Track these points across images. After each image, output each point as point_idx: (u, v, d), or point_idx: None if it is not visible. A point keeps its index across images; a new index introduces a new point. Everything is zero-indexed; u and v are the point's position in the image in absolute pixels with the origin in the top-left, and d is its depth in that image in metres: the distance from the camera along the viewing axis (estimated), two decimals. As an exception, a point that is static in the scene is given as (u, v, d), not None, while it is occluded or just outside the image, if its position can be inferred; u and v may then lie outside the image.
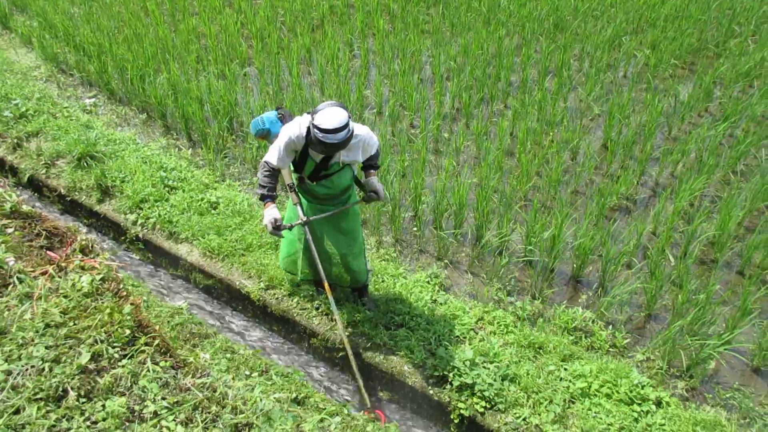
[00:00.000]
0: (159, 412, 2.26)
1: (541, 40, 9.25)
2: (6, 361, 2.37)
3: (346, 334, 4.26)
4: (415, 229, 5.90)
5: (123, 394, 2.33)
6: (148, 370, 2.41)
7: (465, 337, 4.55)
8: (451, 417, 4.08)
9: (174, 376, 2.47)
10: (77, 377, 2.36)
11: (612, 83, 8.29)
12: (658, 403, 4.11)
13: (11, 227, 3.22)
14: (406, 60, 8.43)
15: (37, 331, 2.50)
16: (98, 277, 2.82)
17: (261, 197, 3.94)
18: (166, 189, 6.07)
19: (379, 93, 7.76)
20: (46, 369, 2.36)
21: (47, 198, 6.52)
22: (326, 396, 4.29)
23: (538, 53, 8.89)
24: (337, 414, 3.78)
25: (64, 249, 3.06)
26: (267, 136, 4.30)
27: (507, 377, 4.17)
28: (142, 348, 2.52)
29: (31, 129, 6.99)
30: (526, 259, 5.42)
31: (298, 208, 4.07)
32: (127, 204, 5.93)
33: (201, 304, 5.31)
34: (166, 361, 2.51)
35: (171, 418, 2.26)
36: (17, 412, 2.21)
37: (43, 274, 2.84)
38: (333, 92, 7.78)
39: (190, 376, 2.51)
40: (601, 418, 3.95)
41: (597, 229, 5.52)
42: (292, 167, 4.09)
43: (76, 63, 8.86)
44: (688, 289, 4.77)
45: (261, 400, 2.43)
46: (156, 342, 2.56)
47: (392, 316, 4.70)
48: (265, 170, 3.92)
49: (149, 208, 5.83)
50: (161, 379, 2.41)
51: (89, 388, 2.34)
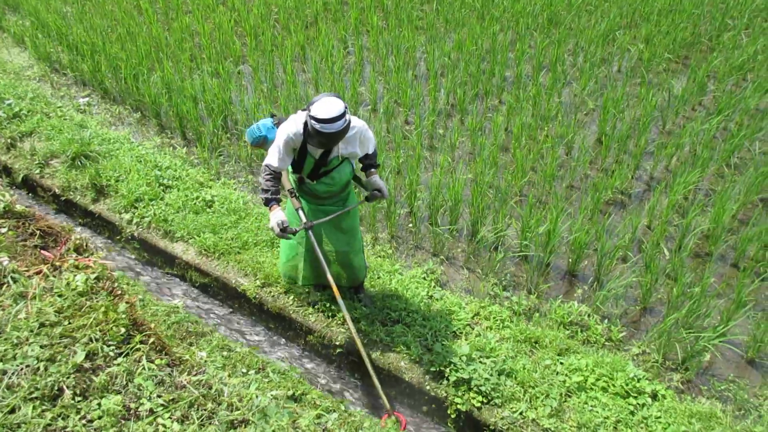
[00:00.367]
0: (155, 410, 2.26)
1: (535, 35, 9.26)
2: (1, 360, 2.37)
3: (361, 339, 4.14)
4: (410, 225, 5.90)
5: (118, 392, 2.33)
6: (144, 368, 2.41)
7: (461, 333, 4.56)
8: (448, 412, 4.10)
9: (169, 374, 2.47)
10: (72, 376, 2.35)
11: (606, 78, 8.30)
12: (654, 396, 4.13)
13: (5, 227, 3.22)
14: (401, 56, 8.42)
15: (31, 331, 2.50)
16: (93, 276, 2.81)
17: (265, 201, 3.91)
18: (161, 188, 6.06)
19: (373, 90, 7.76)
20: (41, 368, 2.36)
21: (42, 198, 6.50)
22: (323, 393, 4.29)
23: (533, 48, 8.89)
24: (335, 410, 3.79)
25: (59, 248, 3.06)
26: (264, 143, 4.26)
27: (503, 372, 4.18)
28: (138, 346, 2.52)
29: (24, 129, 6.96)
30: (521, 254, 5.43)
31: (300, 213, 4.04)
32: (122, 203, 5.92)
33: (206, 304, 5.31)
34: (161, 359, 2.51)
35: (167, 415, 2.26)
36: (13, 411, 2.21)
37: (38, 273, 2.84)
38: (327, 89, 7.77)
39: (186, 373, 2.51)
40: (598, 412, 3.96)
41: (592, 223, 5.54)
42: (290, 170, 4.08)
43: (70, 62, 8.82)
44: (683, 282, 4.79)
45: (257, 396, 2.43)
46: (151, 340, 2.56)
47: (389, 313, 4.70)
48: (267, 174, 3.89)
49: (144, 207, 5.82)
50: (157, 377, 2.41)
51: (85, 386, 2.34)
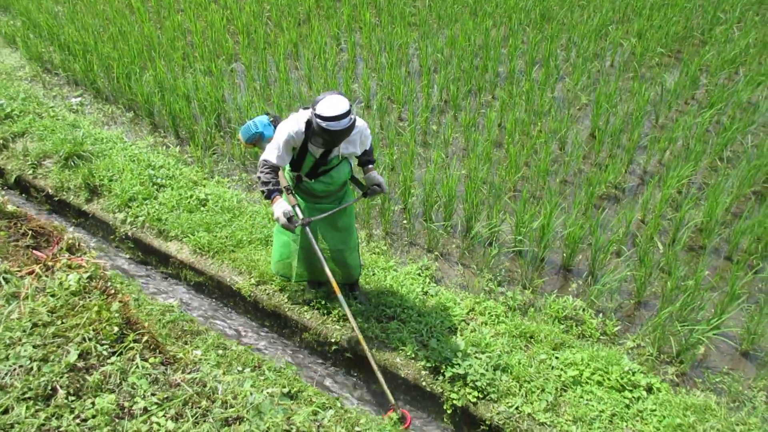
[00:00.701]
0: (149, 408, 2.26)
1: (527, 31, 9.26)
2: (-7, 361, 2.36)
3: (363, 338, 4.03)
4: (405, 221, 5.90)
5: (112, 391, 2.32)
6: (138, 367, 2.40)
7: (456, 328, 4.56)
8: (444, 407, 4.10)
9: (163, 372, 2.46)
10: (66, 375, 2.35)
11: (599, 72, 8.31)
12: (649, 389, 4.14)
13: (-3, 227, 3.20)
14: (393, 53, 8.42)
15: (24, 331, 2.49)
16: (85, 276, 2.80)
17: (267, 194, 3.81)
18: (155, 187, 6.05)
19: (366, 86, 7.74)
20: (35, 368, 2.35)
21: (35, 198, 6.48)
22: (320, 390, 4.29)
23: (525, 44, 8.90)
24: (331, 407, 3.79)
25: (51, 248, 3.05)
26: (259, 141, 4.22)
27: (499, 367, 4.19)
28: (131, 345, 2.51)
29: (16, 129, 6.94)
30: (516, 249, 5.44)
31: (297, 209, 4.00)
32: (115, 203, 5.90)
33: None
34: (155, 358, 2.51)
35: (161, 413, 2.26)
36: (6, 411, 2.20)
37: (30, 273, 2.83)
38: (320, 87, 7.76)
39: (180, 371, 2.51)
40: (593, 406, 3.97)
41: (586, 218, 5.55)
42: (288, 168, 4.05)
43: (61, 62, 8.78)
44: (676, 276, 4.80)
45: (251, 394, 2.43)
46: (145, 338, 2.55)
47: (384, 309, 4.70)
48: (265, 168, 3.81)
49: (138, 207, 5.80)
50: (150, 376, 2.40)
51: (78, 386, 2.34)
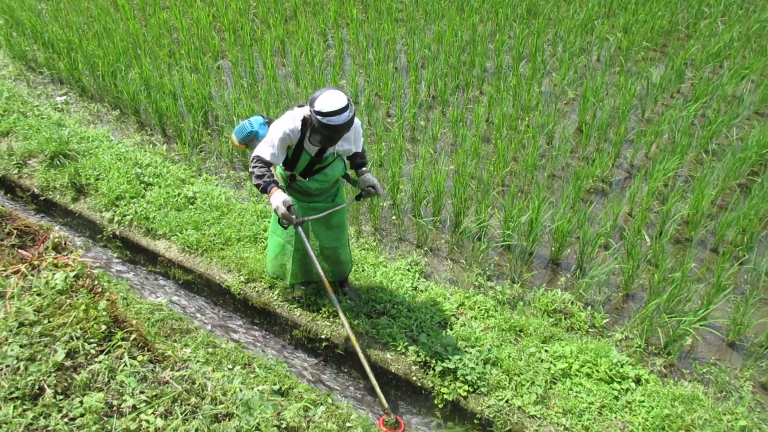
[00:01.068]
0: (138, 406, 2.25)
1: (514, 26, 9.28)
2: (-21, 361, 2.34)
3: (356, 340, 4.00)
4: (394, 217, 5.91)
5: (101, 390, 2.31)
6: (126, 365, 2.39)
7: (446, 323, 4.57)
8: (435, 402, 4.11)
9: (152, 370, 2.45)
10: (53, 375, 2.33)
11: (585, 67, 8.35)
12: (638, 381, 4.18)
13: (-19, 227, 3.17)
14: (381, 49, 8.41)
15: (10, 330, 2.47)
16: (72, 274, 2.78)
17: (264, 187, 3.72)
18: (142, 185, 6.01)
19: (354, 83, 7.73)
20: (21, 368, 2.34)
21: (21, 198, 6.41)
22: (311, 387, 4.29)
23: (512, 39, 8.92)
24: (322, 403, 3.79)
25: (37, 247, 3.02)
26: (253, 141, 4.16)
27: (489, 361, 4.21)
28: (119, 343, 2.50)
29: (1, 129, 6.86)
30: (504, 243, 5.46)
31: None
32: (102, 202, 5.86)
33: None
34: (143, 356, 2.49)
35: (150, 411, 2.25)
36: (-7, 411, 2.18)
37: (16, 272, 2.80)
38: (308, 83, 7.74)
39: (169, 369, 2.50)
40: (582, 398, 4.00)
41: (574, 211, 5.58)
42: (281, 167, 4.02)
43: (46, 60, 8.70)
44: (664, 268, 4.84)
45: (241, 390, 2.42)
46: (133, 336, 2.54)
47: (373, 305, 4.70)
48: (258, 163, 3.73)
49: (125, 205, 5.76)
50: (139, 373, 2.39)
51: (66, 385, 2.32)
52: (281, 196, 3.71)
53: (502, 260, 5.43)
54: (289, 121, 3.70)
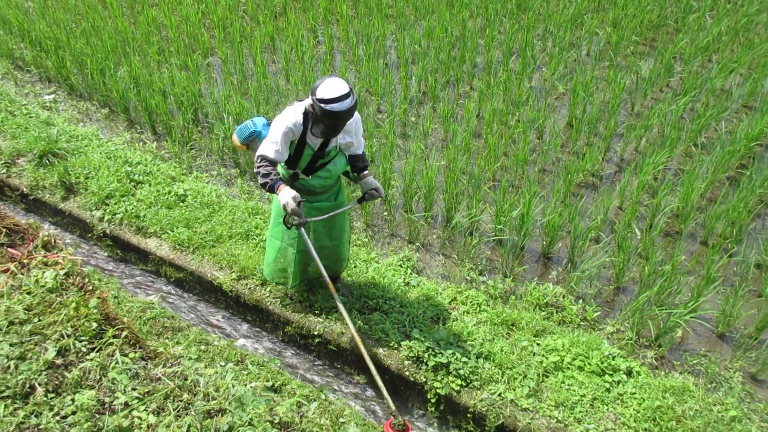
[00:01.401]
0: (130, 403, 2.25)
1: (504, 21, 9.29)
2: (-31, 360, 2.33)
3: (361, 341, 3.88)
4: (385, 213, 5.91)
5: (92, 387, 2.30)
6: (117, 362, 2.38)
7: (439, 318, 4.58)
8: (428, 396, 4.12)
9: (144, 367, 2.44)
10: (44, 373, 2.32)
11: (575, 62, 8.37)
12: (629, 373, 4.20)
13: (-31, 226, 3.15)
14: (371, 45, 8.40)
15: (0, 329, 2.45)
16: (62, 273, 2.77)
17: (271, 185, 3.65)
18: (132, 183, 5.98)
19: (344, 79, 7.68)
20: (12, 366, 2.32)
21: (9, 198, 6.37)
22: (303, 383, 4.29)
23: (502, 34, 8.93)
24: (315, 399, 3.79)
25: (26, 246, 3.00)
26: (256, 141, 4.11)
27: (481, 355, 4.22)
28: (110, 341, 2.49)
29: (-12, 128, 6.81)
30: (496, 238, 5.47)
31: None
32: (92, 200, 5.82)
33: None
34: (135, 353, 2.49)
35: (142, 407, 2.24)
36: (-17, 410, 2.17)
37: (5, 271, 2.78)
38: (298, 80, 7.72)
39: (161, 366, 2.49)
40: (575, 390, 4.03)
41: (565, 205, 5.61)
42: (283, 166, 3.96)
43: (33, 59, 8.63)
44: (654, 261, 4.87)
45: (233, 386, 2.42)
46: (124, 334, 2.53)
47: (366, 301, 4.71)
48: (263, 162, 3.67)
49: (115, 204, 5.73)
50: (131, 370, 2.39)
51: (57, 383, 2.31)
52: (290, 192, 3.65)
53: (494, 255, 5.44)
54: (291, 115, 3.67)
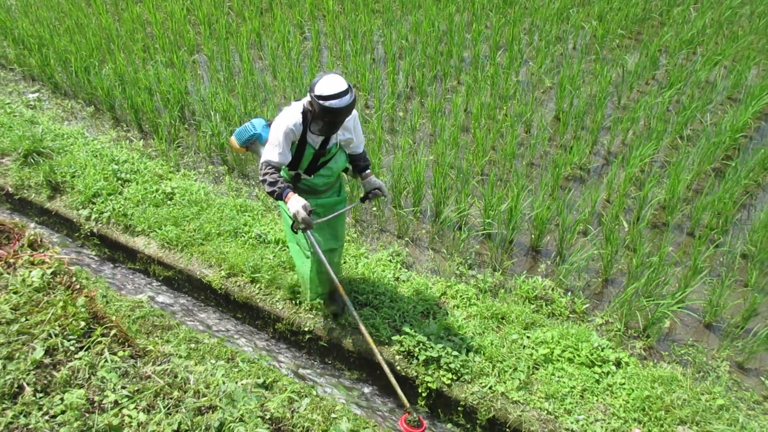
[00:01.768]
0: (119, 401, 2.23)
1: (491, 16, 9.31)
2: (-44, 361, 2.30)
3: (374, 344, 3.80)
4: (374, 208, 5.91)
5: (81, 386, 2.29)
6: (106, 361, 2.37)
7: (429, 312, 4.59)
8: (419, 390, 4.13)
9: (133, 365, 2.43)
10: (32, 373, 2.31)
11: (562, 55, 8.40)
12: (618, 364, 4.24)
13: (-47, 226, 3.11)
14: (358, 40, 8.38)
15: (-13, 329, 2.43)
16: (49, 272, 2.75)
17: (279, 193, 3.61)
18: (119, 182, 5.93)
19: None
20: (0, 366, 2.30)
21: (-6, 198, 6.31)
22: (295, 380, 4.28)
23: (489, 28, 8.94)
24: (306, 395, 3.79)
25: (12, 245, 2.97)
26: (255, 143, 4.08)
27: (472, 348, 4.24)
28: (99, 339, 2.47)
29: (-29, 127, 6.73)
30: (485, 232, 5.49)
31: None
32: (79, 199, 5.77)
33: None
34: (124, 351, 2.47)
35: (132, 406, 2.23)
36: (-29, 411, 2.15)
37: (-9, 271, 2.76)
38: (285, 76, 7.69)
39: (151, 363, 2.48)
40: (565, 382, 4.05)
41: (553, 199, 5.63)
42: (285, 168, 3.90)
43: (16, 57, 8.53)
44: (641, 253, 4.91)
45: (224, 383, 2.41)
46: (113, 332, 2.51)
47: (356, 296, 4.71)
48: (268, 168, 3.63)
49: (102, 203, 5.69)
50: (120, 369, 2.37)
51: (46, 382, 2.30)
52: (299, 200, 3.60)
53: (483, 249, 5.46)
54: (290, 116, 3.63)
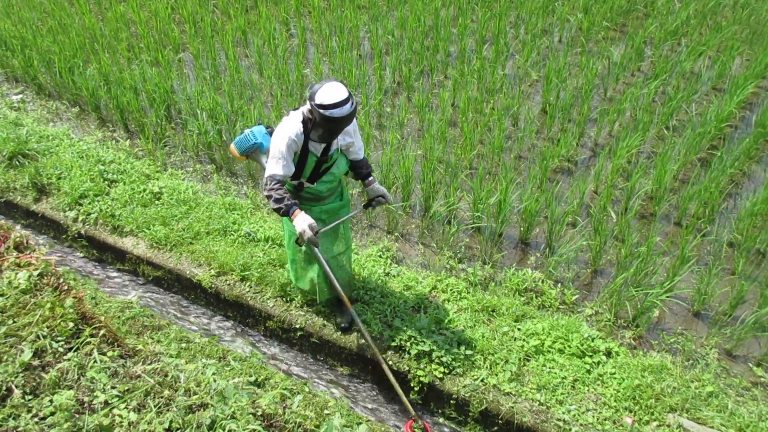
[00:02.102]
0: (110, 401, 2.22)
1: (476, 9, 9.31)
2: (-58, 365, 2.28)
3: (378, 351, 3.88)
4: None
5: (71, 387, 2.27)
6: (96, 361, 2.35)
7: (420, 307, 4.60)
8: (411, 385, 4.14)
9: (123, 365, 2.42)
10: (21, 375, 2.29)
11: (548, 48, 8.42)
12: (608, 354, 4.27)
13: (-62, 229, 3.08)
14: (344, 36, 8.36)
15: (-27, 332, 2.41)
16: (36, 273, 2.72)
17: (285, 210, 3.56)
18: (106, 182, 5.90)
19: (318, 71, 7.68)
20: (-13, 369, 2.29)
21: (-21, 201, 6.24)
22: (287, 377, 4.28)
23: (475, 22, 8.95)
24: (299, 392, 3.79)
25: (-2, 247, 2.95)
26: (256, 152, 4.01)
27: (463, 342, 4.25)
28: (88, 340, 2.45)
29: (-45, 130, 6.65)
30: (474, 225, 5.50)
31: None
32: (65, 201, 5.73)
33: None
34: (113, 351, 2.46)
35: (122, 405, 2.22)
36: (-41, 415, 2.13)
37: (-23, 274, 2.73)
38: (271, 73, 7.66)
39: (141, 363, 2.47)
40: (556, 373, 4.08)
41: (541, 191, 5.65)
42: (288, 179, 3.81)
43: (-1, 59, 8.46)
44: (630, 243, 4.94)
45: (215, 380, 2.41)
46: (102, 333, 2.50)
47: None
48: (273, 184, 3.58)
49: (89, 204, 5.65)
50: (110, 369, 2.36)
51: (35, 384, 2.28)
52: (306, 219, 3.56)
53: (473, 242, 5.47)
54: (290, 127, 3.57)
